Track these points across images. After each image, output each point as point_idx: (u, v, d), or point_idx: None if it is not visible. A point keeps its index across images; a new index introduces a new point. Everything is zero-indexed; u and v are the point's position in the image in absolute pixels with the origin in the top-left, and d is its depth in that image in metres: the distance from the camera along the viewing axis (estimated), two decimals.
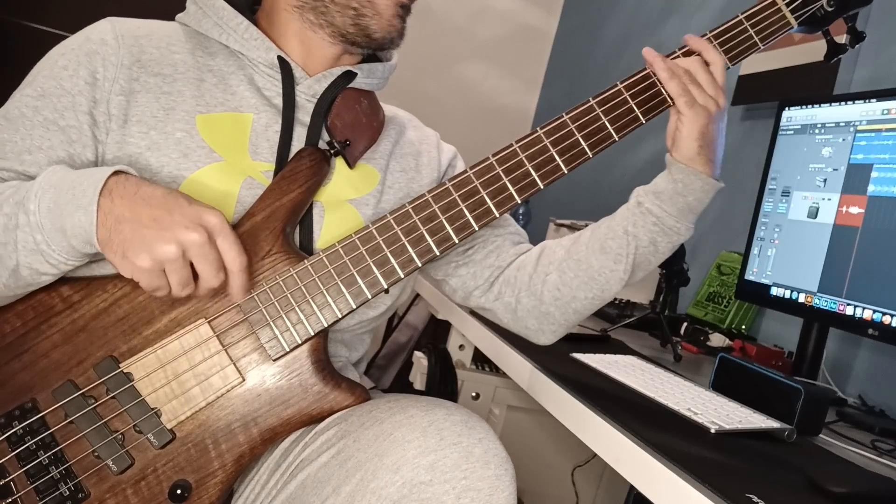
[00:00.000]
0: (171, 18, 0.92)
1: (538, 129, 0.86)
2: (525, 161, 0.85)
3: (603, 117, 0.86)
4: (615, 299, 1.63)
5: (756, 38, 0.89)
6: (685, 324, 1.54)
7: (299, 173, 0.82)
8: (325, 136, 0.88)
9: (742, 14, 0.89)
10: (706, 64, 0.87)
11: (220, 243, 0.72)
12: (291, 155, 0.85)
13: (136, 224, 0.70)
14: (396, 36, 0.90)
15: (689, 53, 0.88)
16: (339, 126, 0.89)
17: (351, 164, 0.90)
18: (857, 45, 0.97)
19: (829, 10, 0.91)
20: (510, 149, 0.85)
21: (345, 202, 0.89)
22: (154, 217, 0.70)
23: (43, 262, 0.73)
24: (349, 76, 0.91)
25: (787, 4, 0.90)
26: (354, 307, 0.81)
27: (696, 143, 0.86)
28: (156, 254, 0.69)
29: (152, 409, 0.76)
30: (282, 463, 0.81)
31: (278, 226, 0.81)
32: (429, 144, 1.02)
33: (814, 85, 1.61)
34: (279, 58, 0.87)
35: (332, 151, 0.87)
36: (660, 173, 0.90)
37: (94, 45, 0.82)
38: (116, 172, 0.73)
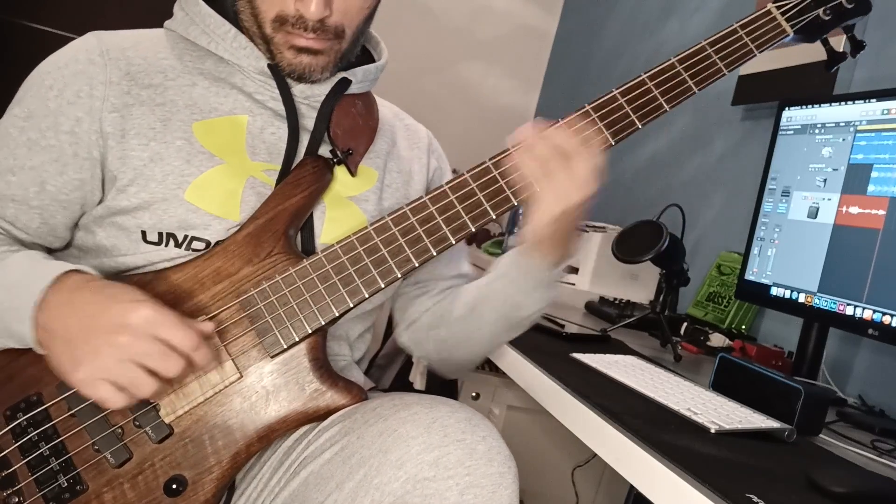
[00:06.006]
0: (169, 18, 0.91)
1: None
2: None
3: (599, 122, 0.86)
4: (615, 299, 1.63)
5: (752, 46, 0.89)
6: (685, 324, 1.54)
7: (303, 179, 0.84)
8: (327, 143, 0.89)
9: (737, 23, 0.89)
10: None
11: (161, 334, 0.69)
12: (298, 157, 0.86)
13: (65, 340, 0.70)
14: (316, 71, 0.85)
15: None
16: (340, 134, 0.90)
17: (353, 173, 0.90)
18: (857, 55, 0.96)
19: (826, 19, 0.90)
20: (507, 153, 0.85)
21: (346, 199, 0.89)
22: (81, 327, 0.69)
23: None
24: (344, 82, 0.91)
25: (783, 13, 0.89)
26: (352, 306, 0.81)
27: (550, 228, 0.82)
28: (89, 368, 0.68)
29: (151, 402, 0.76)
30: (284, 460, 0.81)
31: (281, 228, 0.82)
32: (420, 150, 1.02)
33: (814, 85, 1.61)
34: (269, 65, 0.86)
35: (335, 160, 0.88)
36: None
37: (80, 64, 0.81)
38: (65, 273, 0.73)
